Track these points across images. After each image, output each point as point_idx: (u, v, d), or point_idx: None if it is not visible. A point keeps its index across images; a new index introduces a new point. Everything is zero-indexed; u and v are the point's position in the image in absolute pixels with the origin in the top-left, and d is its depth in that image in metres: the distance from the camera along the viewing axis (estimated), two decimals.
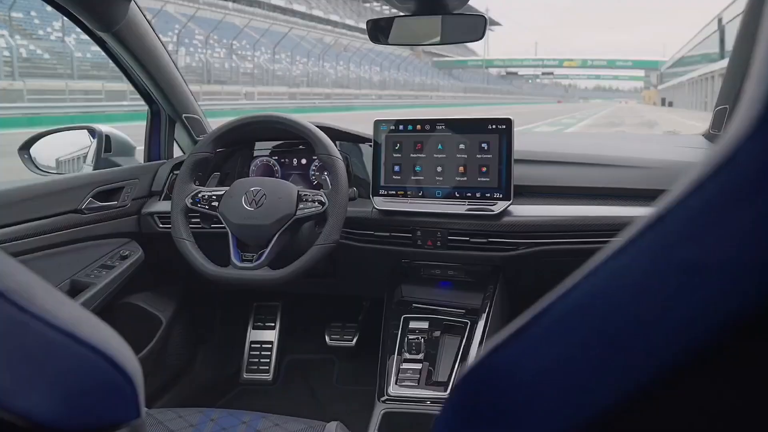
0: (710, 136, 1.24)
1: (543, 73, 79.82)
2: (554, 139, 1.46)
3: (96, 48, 1.08)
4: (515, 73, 78.47)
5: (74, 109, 11.96)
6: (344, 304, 1.53)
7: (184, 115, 1.29)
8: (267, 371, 1.49)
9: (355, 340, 1.45)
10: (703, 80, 30.41)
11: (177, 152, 1.36)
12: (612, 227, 0.99)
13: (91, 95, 13.81)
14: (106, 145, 1.24)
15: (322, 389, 1.48)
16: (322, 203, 0.99)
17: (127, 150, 1.30)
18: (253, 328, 1.55)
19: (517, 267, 1.07)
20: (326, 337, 1.47)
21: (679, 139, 1.44)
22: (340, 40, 35.26)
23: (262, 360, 1.51)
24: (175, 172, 1.25)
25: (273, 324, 1.55)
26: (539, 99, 65.58)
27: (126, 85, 13.89)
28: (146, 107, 1.31)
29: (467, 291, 1.09)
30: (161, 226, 1.19)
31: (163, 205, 1.22)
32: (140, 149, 1.35)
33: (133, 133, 1.34)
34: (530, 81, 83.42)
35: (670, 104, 45.98)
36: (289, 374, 1.52)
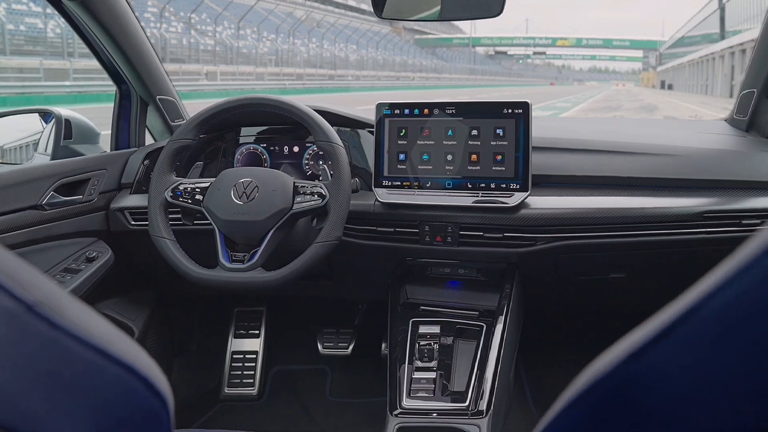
0: (734, 121, 1.27)
1: (534, 53, 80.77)
2: (571, 125, 1.46)
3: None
4: (504, 53, 79.15)
5: (7, 89, 11.49)
6: (338, 308, 1.52)
7: (158, 96, 1.25)
8: (251, 385, 1.47)
9: (350, 347, 1.45)
10: (704, 62, 31.26)
11: (148, 139, 1.33)
12: (639, 219, 1.01)
13: (27, 74, 13.30)
14: (65, 130, 1.20)
15: (314, 403, 1.47)
16: (321, 196, 0.98)
17: (91, 136, 1.26)
18: (234, 337, 1.53)
19: (534, 264, 1.08)
20: (318, 344, 1.45)
21: (701, 124, 1.48)
22: (313, 14, 34.87)
23: (245, 372, 1.49)
24: (147, 161, 1.21)
25: (257, 332, 1.54)
26: (531, 81, 66.41)
27: (68, 63, 13.52)
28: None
29: (480, 291, 1.09)
30: (133, 223, 1.16)
31: (134, 200, 1.18)
32: (104, 134, 1.31)
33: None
34: (521, 61, 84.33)
35: (670, 87, 47.18)
36: (276, 388, 1.51)
